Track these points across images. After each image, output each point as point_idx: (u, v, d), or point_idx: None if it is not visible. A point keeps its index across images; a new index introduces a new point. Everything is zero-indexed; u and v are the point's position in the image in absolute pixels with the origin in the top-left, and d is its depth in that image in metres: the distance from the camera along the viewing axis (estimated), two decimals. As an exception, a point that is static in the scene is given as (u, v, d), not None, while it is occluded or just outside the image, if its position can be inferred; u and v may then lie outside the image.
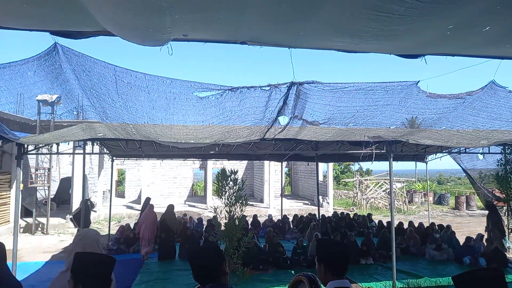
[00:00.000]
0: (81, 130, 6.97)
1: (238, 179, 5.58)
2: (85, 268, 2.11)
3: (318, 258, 2.61)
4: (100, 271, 2.12)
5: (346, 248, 2.67)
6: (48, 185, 14.64)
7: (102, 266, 2.15)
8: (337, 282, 2.44)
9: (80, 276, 2.08)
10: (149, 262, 9.57)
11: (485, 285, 1.75)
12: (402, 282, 6.92)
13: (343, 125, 6.29)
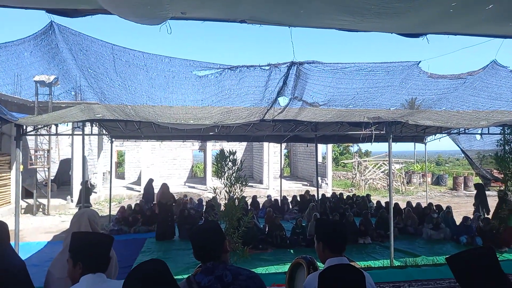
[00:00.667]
0: (80, 111, 6.95)
1: (237, 159, 5.59)
2: (83, 247, 2.12)
3: (317, 236, 2.67)
4: (98, 249, 2.13)
5: (344, 227, 2.73)
6: (48, 166, 14.68)
7: (100, 245, 2.16)
8: (335, 259, 2.49)
9: (79, 255, 2.11)
10: (150, 242, 9.68)
11: (477, 263, 1.80)
12: (399, 260, 7.02)
13: (343, 107, 6.27)
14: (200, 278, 2.31)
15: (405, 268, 6.04)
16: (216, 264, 2.34)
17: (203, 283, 2.27)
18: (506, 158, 6.89)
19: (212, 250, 2.38)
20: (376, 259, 7.68)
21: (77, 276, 2.09)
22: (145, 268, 1.66)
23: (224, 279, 2.28)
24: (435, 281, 5.09)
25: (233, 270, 2.35)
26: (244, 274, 2.33)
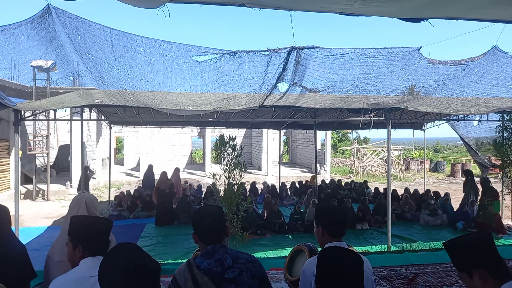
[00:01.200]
0: (78, 97, 6.91)
1: (236, 145, 5.60)
2: (82, 231, 2.13)
3: (317, 221, 2.71)
4: (98, 233, 2.15)
5: (343, 212, 2.80)
6: (47, 152, 14.67)
7: (99, 228, 2.18)
8: (334, 243, 2.53)
9: (78, 239, 2.12)
10: (149, 227, 9.76)
11: (474, 247, 1.83)
12: (396, 246, 7.10)
13: (342, 93, 6.25)
14: (200, 261, 2.32)
15: (402, 253, 6.11)
16: (217, 248, 2.35)
17: (202, 266, 2.29)
18: (504, 145, 6.91)
19: (214, 233, 2.39)
20: (374, 245, 7.76)
21: (77, 259, 2.10)
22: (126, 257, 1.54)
23: (224, 263, 2.29)
24: (431, 265, 5.17)
25: (233, 254, 2.37)
26: (243, 258, 2.35)
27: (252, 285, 2.29)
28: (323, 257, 1.59)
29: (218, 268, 2.27)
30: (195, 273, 2.25)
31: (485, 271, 1.78)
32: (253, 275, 2.32)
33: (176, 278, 2.30)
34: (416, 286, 4.33)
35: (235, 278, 2.25)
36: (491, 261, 1.79)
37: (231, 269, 2.28)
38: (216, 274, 2.25)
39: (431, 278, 4.60)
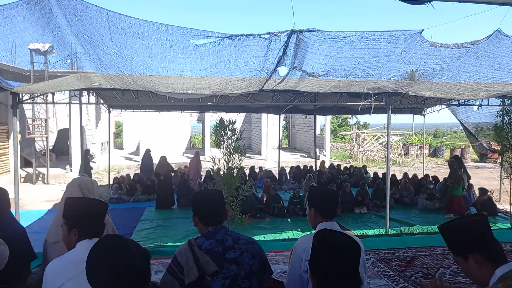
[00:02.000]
0: (76, 80, 6.85)
1: (236, 129, 5.58)
2: (77, 213, 2.12)
3: (310, 203, 2.75)
4: (93, 215, 2.13)
5: (336, 194, 2.83)
6: (46, 136, 14.65)
7: (94, 210, 2.16)
8: (326, 223, 2.58)
9: (73, 221, 2.10)
10: (149, 210, 9.82)
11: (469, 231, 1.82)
12: (394, 229, 7.16)
13: (343, 77, 6.20)
14: (201, 242, 2.34)
15: (400, 236, 6.17)
16: (218, 229, 2.38)
17: (204, 246, 2.30)
18: (505, 129, 6.90)
19: (214, 215, 2.41)
20: (372, 228, 7.84)
21: (73, 242, 2.10)
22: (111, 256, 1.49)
23: (225, 243, 2.32)
24: (429, 248, 5.22)
25: (233, 235, 2.40)
26: (243, 239, 2.39)
27: (252, 265, 2.32)
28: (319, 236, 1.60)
29: (219, 248, 2.29)
30: (197, 252, 2.26)
31: (481, 255, 1.77)
32: (253, 256, 2.36)
33: (177, 257, 2.31)
34: (414, 268, 4.38)
35: (236, 258, 2.28)
36: (487, 245, 1.78)
37: (232, 250, 2.30)
38: (217, 254, 2.27)
39: (429, 261, 4.65)
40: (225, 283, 2.22)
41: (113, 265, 1.41)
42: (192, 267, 2.20)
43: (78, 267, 1.95)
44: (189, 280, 2.19)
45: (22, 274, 3.08)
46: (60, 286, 1.94)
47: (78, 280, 1.93)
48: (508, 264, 1.75)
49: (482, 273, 1.80)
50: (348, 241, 1.58)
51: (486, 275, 1.77)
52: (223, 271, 2.24)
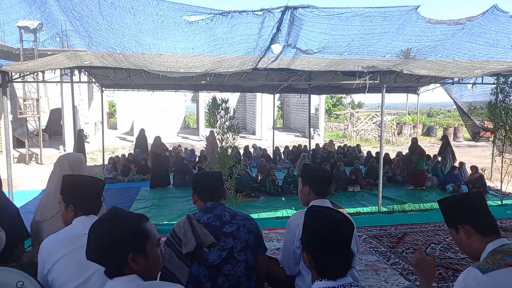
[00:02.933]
0: (66, 58, 6.73)
1: (229, 108, 5.54)
2: (74, 190, 2.12)
3: (303, 180, 2.77)
4: (90, 192, 2.13)
5: (330, 173, 2.99)
6: (38, 115, 14.49)
7: (91, 188, 2.16)
8: (319, 201, 2.63)
9: (70, 198, 2.11)
10: (144, 190, 9.85)
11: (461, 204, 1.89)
12: (387, 207, 7.26)
13: (337, 55, 6.14)
14: (200, 216, 2.41)
15: (392, 214, 6.26)
16: (216, 204, 2.46)
17: (202, 220, 2.38)
18: (498, 107, 6.94)
19: (213, 191, 2.49)
20: (365, 206, 7.93)
21: (70, 218, 2.11)
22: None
23: (223, 218, 2.40)
24: (420, 225, 5.31)
25: (231, 211, 2.48)
26: (240, 215, 2.47)
27: (248, 240, 2.39)
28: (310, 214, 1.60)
29: (217, 223, 2.37)
30: (195, 225, 2.33)
31: (470, 227, 1.82)
32: (250, 231, 2.43)
33: (175, 230, 2.37)
34: (405, 245, 4.46)
35: (233, 232, 2.35)
36: (476, 217, 1.82)
37: (229, 224, 2.38)
38: (215, 227, 2.34)
39: (420, 237, 4.74)
40: (221, 255, 2.30)
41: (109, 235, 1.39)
42: (191, 238, 2.27)
43: (74, 242, 1.97)
44: (187, 250, 2.25)
45: (16, 252, 3.10)
46: (56, 261, 1.95)
47: (74, 255, 1.94)
48: (501, 240, 1.78)
49: (471, 245, 1.84)
50: (340, 217, 1.59)
51: (477, 248, 1.80)
52: (220, 243, 2.31)
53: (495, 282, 1.60)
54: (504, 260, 1.66)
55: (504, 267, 1.63)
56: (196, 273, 2.30)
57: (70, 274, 1.92)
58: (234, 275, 2.32)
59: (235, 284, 2.33)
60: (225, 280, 2.30)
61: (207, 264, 2.29)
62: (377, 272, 3.68)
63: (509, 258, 1.67)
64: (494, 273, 1.63)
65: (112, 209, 1.47)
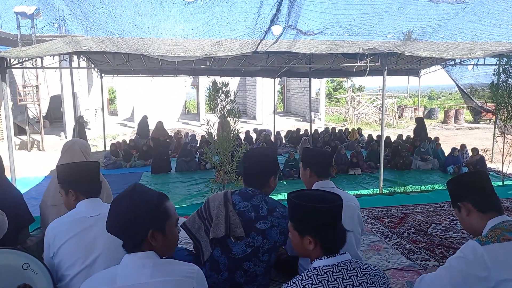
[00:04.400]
0: (65, 44, 6.67)
1: (229, 91, 5.51)
2: (70, 176, 2.15)
3: (304, 164, 2.77)
4: (86, 174, 2.15)
5: (330, 154, 2.93)
6: (38, 102, 14.45)
7: (86, 170, 2.18)
8: (322, 182, 2.64)
9: (68, 184, 2.14)
10: (146, 175, 9.89)
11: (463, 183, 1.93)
12: (388, 189, 7.29)
13: (338, 35, 6.07)
14: (237, 200, 2.30)
15: (393, 195, 6.29)
16: (256, 192, 2.33)
17: (238, 206, 2.28)
18: (501, 87, 6.89)
19: (257, 176, 2.37)
20: (366, 189, 7.97)
21: (72, 203, 2.13)
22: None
23: (260, 211, 2.27)
24: (421, 206, 5.33)
25: (270, 203, 2.32)
26: (278, 212, 2.30)
27: (278, 241, 2.29)
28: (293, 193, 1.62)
29: (252, 214, 2.25)
30: (230, 211, 2.24)
31: (470, 203, 1.86)
32: (282, 232, 2.29)
33: (210, 205, 2.31)
34: (406, 225, 4.50)
35: (264, 231, 2.24)
36: (476, 195, 1.85)
37: (263, 220, 2.25)
38: (248, 219, 2.23)
39: (421, 217, 4.77)
40: (246, 251, 2.22)
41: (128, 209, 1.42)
42: (221, 224, 2.20)
43: (79, 225, 2.00)
44: (214, 236, 2.19)
45: (21, 237, 3.12)
46: (62, 244, 1.96)
47: (79, 237, 1.96)
48: (502, 216, 1.80)
49: (472, 222, 1.86)
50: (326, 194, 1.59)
51: (478, 225, 1.82)
52: (248, 239, 2.22)
53: (492, 255, 1.62)
54: (503, 235, 1.68)
55: (503, 241, 1.65)
56: (217, 258, 2.26)
57: (76, 257, 1.94)
58: (253, 273, 2.26)
59: (251, 280, 2.28)
60: (243, 274, 2.25)
61: (229, 255, 2.23)
62: (379, 252, 3.71)
63: (509, 233, 1.69)
64: (492, 246, 1.65)
65: (134, 186, 1.50)
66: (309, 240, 1.50)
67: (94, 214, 2.04)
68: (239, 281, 2.25)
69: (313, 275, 1.41)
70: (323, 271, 1.42)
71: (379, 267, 3.29)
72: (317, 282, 1.39)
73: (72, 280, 1.93)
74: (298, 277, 1.43)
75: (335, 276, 1.40)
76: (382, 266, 3.39)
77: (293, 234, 1.57)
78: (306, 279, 1.41)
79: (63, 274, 1.95)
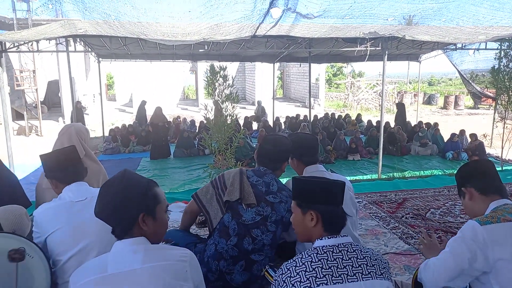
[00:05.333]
0: (60, 27, 6.57)
1: (228, 75, 5.44)
2: (49, 166, 2.18)
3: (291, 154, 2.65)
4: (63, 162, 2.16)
5: (311, 139, 2.75)
6: (35, 87, 14.34)
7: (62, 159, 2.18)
8: (311, 167, 2.59)
9: (50, 173, 2.17)
10: (145, 161, 9.88)
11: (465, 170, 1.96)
12: (387, 174, 7.29)
13: (338, 18, 5.97)
14: (251, 174, 2.43)
15: (392, 180, 6.29)
16: (268, 172, 2.46)
17: (251, 179, 2.40)
18: (502, 72, 6.82)
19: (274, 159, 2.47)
20: (365, 174, 7.97)
21: (59, 191, 2.15)
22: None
23: (271, 187, 2.40)
24: (420, 191, 5.33)
25: (280, 184, 2.46)
26: (287, 191, 2.44)
27: (285, 217, 2.37)
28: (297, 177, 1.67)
29: (263, 188, 2.38)
30: (244, 181, 2.36)
31: (473, 188, 1.87)
32: (289, 210, 2.33)
33: (224, 176, 2.42)
34: (405, 210, 4.50)
35: (273, 204, 2.35)
36: (478, 179, 1.87)
37: (273, 195, 2.38)
38: (260, 191, 2.36)
39: (419, 202, 4.77)
40: (255, 218, 2.32)
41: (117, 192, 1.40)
42: (236, 189, 2.32)
43: (67, 210, 2.01)
44: (228, 199, 2.31)
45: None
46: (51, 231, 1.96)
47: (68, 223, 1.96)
48: (504, 200, 1.81)
49: (474, 206, 1.87)
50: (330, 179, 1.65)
51: (480, 208, 1.83)
52: (258, 208, 2.33)
53: (491, 234, 1.63)
54: (504, 216, 1.68)
55: (503, 222, 1.65)
56: (227, 223, 2.33)
57: (67, 243, 1.94)
58: (260, 241, 2.34)
59: (258, 249, 2.35)
60: (251, 242, 2.32)
61: (239, 220, 2.31)
62: (377, 236, 3.72)
63: (510, 215, 1.69)
64: (491, 226, 1.66)
65: (124, 171, 1.48)
66: (311, 216, 1.52)
67: (81, 198, 2.04)
68: (246, 248, 2.32)
69: (313, 254, 1.42)
70: (323, 250, 1.43)
71: (377, 251, 3.31)
72: (317, 261, 1.40)
73: (64, 265, 1.93)
74: (298, 255, 1.44)
75: (335, 256, 1.41)
76: (380, 251, 3.40)
77: (295, 212, 1.60)
78: (306, 257, 1.42)
79: (55, 259, 1.96)
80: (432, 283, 1.81)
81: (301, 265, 1.40)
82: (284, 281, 1.40)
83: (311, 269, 1.38)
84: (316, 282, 1.35)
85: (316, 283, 1.35)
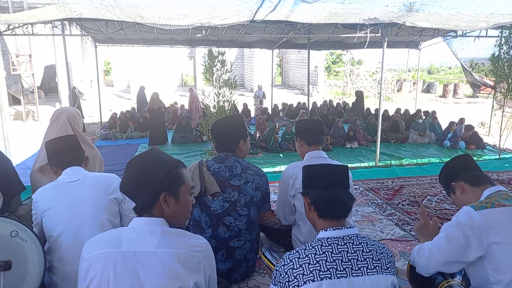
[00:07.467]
0: (55, 9, 6.44)
1: (226, 61, 5.38)
2: (50, 152, 2.27)
3: (296, 135, 2.83)
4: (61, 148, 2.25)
5: (320, 122, 3.01)
6: (32, 72, 14.20)
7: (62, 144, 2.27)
8: (313, 152, 2.69)
9: (51, 160, 2.27)
10: (143, 147, 9.85)
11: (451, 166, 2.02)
12: (384, 162, 7.30)
13: (338, 3, 5.88)
14: (211, 164, 2.43)
15: (389, 167, 6.30)
16: (229, 155, 2.45)
17: (212, 168, 2.40)
18: (502, 59, 6.77)
19: (226, 142, 2.47)
20: (362, 162, 7.97)
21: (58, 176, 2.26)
22: None
23: (234, 170, 2.39)
24: (417, 178, 5.35)
25: (244, 164, 2.46)
26: (252, 169, 2.45)
27: (255, 196, 2.40)
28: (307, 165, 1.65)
29: (226, 173, 2.38)
30: (204, 172, 2.35)
31: (462, 182, 1.90)
32: (257, 187, 2.42)
33: None
34: (401, 197, 4.51)
35: (239, 186, 2.36)
36: (466, 172, 1.91)
37: (238, 177, 2.38)
38: (223, 178, 2.36)
39: (416, 189, 4.78)
40: (224, 206, 2.34)
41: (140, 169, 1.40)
42: (197, 184, 2.31)
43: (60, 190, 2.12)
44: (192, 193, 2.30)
45: (13, 205, 3.10)
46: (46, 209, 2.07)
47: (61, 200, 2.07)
48: (497, 187, 1.83)
49: (467, 198, 1.89)
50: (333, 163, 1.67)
51: (475, 199, 1.83)
52: (224, 194, 2.34)
53: (485, 219, 1.64)
54: (498, 202, 1.69)
55: (497, 207, 1.66)
56: (198, 218, 2.36)
57: (58, 221, 2.05)
58: (235, 227, 2.36)
59: (235, 235, 2.38)
60: (226, 230, 2.35)
61: (209, 212, 2.34)
62: (373, 223, 3.74)
63: (504, 200, 1.69)
64: (486, 211, 1.66)
65: (152, 149, 1.50)
66: (306, 202, 1.53)
67: (74, 179, 2.15)
68: (223, 237, 2.35)
69: (317, 245, 1.40)
70: (327, 242, 1.40)
71: (373, 237, 3.32)
72: (321, 253, 1.37)
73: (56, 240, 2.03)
74: (302, 246, 1.42)
75: (339, 249, 1.38)
76: (376, 237, 3.42)
77: (305, 202, 1.57)
78: (310, 249, 1.39)
79: (48, 235, 2.07)
80: (425, 268, 1.81)
81: (305, 257, 1.36)
82: (286, 272, 1.37)
83: (314, 261, 1.35)
84: (319, 276, 1.32)
85: (319, 276, 1.32)
